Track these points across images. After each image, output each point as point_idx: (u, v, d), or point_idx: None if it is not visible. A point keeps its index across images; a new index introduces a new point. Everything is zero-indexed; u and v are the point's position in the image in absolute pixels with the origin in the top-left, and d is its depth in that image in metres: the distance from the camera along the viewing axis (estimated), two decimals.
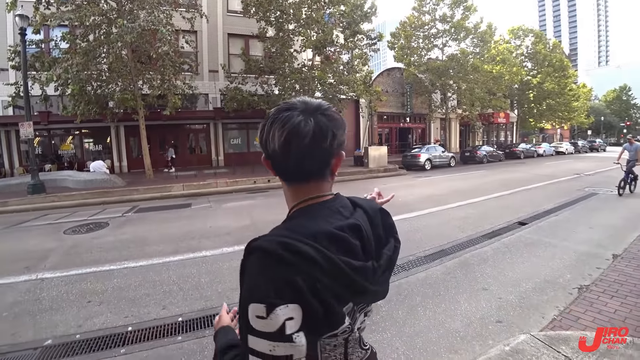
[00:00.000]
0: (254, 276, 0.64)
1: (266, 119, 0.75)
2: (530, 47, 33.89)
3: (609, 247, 4.96)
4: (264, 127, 0.75)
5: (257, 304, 0.61)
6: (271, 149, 0.73)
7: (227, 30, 19.18)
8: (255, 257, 0.65)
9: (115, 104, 13.13)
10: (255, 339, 0.61)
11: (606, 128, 63.77)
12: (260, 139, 0.76)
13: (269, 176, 13.53)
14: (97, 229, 6.82)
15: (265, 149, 0.76)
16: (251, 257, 0.66)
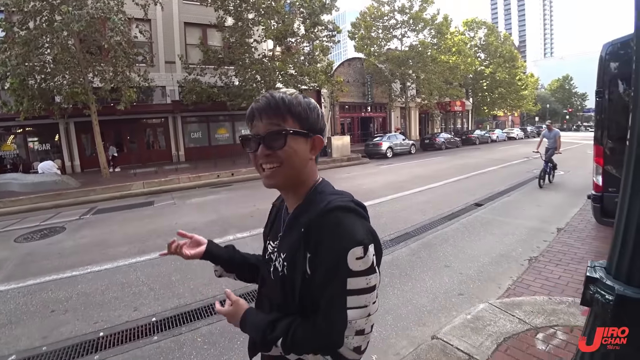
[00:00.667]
0: (347, 227, 0.76)
1: (314, 106, 0.88)
2: (483, 38, 35.67)
3: (553, 222, 5.50)
4: (314, 107, 0.87)
5: (356, 247, 0.74)
6: (325, 131, 0.90)
7: (184, 19, 18.30)
8: (339, 213, 0.78)
9: (64, 98, 12.16)
10: (353, 279, 0.74)
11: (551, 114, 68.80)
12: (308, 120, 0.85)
13: (232, 170, 13.35)
14: (53, 234, 6.41)
15: (318, 128, 0.87)
16: (336, 213, 0.78)
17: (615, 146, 3.96)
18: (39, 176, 11.60)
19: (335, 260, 0.74)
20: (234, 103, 16.19)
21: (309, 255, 0.78)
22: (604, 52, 3.95)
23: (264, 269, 1.01)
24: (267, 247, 1.01)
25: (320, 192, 0.87)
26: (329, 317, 0.76)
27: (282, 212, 0.98)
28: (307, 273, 0.79)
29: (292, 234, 0.85)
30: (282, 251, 0.88)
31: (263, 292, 1.01)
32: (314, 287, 0.78)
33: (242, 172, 13.19)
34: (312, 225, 0.78)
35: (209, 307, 3.30)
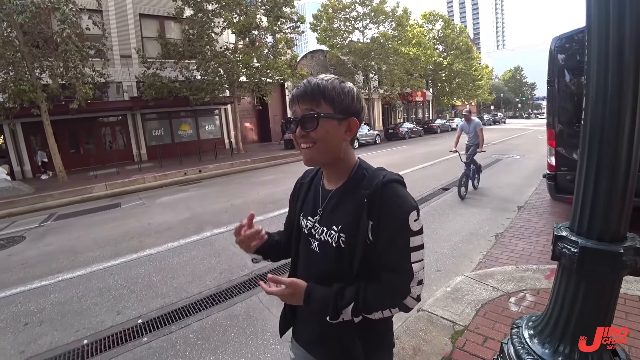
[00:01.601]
0: (403, 195, 0.89)
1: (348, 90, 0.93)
2: (440, 31, 36.94)
3: (514, 201, 6.00)
4: (349, 91, 0.93)
5: (413, 211, 0.87)
6: (362, 114, 0.96)
7: (138, 10, 17.28)
8: (395, 185, 0.90)
9: (9, 97, 11.16)
10: (414, 237, 0.87)
11: (505, 103, 73.08)
12: (342, 104, 0.91)
13: (199, 166, 13.02)
14: (12, 245, 5.96)
15: (353, 111, 0.93)
16: (392, 184, 0.90)
17: (565, 129, 4.36)
18: None
19: (400, 223, 0.86)
20: (196, 97, 15.71)
21: (371, 223, 0.88)
22: (553, 45, 4.32)
23: (299, 245, 1.08)
24: (302, 223, 1.07)
25: (366, 168, 0.98)
26: (398, 271, 0.88)
27: (318, 188, 1.05)
28: (369, 240, 0.89)
29: (347, 207, 0.94)
30: (334, 224, 0.95)
31: (301, 268, 1.07)
32: (379, 250, 0.88)
33: (210, 168, 12.91)
34: (374, 196, 0.88)
35: (196, 303, 3.30)
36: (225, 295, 3.42)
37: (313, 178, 1.11)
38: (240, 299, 3.30)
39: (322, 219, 0.99)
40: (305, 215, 1.06)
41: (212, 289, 3.57)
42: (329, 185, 1.02)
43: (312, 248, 1.02)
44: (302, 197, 1.11)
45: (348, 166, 0.98)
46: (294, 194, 1.17)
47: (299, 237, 1.08)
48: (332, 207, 0.98)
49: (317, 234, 1.00)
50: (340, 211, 0.95)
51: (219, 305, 3.23)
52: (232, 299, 3.33)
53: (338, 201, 0.97)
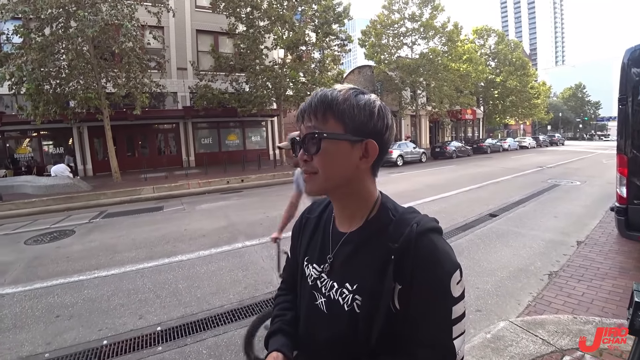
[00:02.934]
0: (443, 250, 0.68)
1: (366, 103, 0.72)
2: (493, 46, 35.38)
3: (573, 234, 5.27)
4: (367, 105, 0.72)
5: (456, 271, 0.68)
6: (387, 134, 0.74)
7: (196, 26, 18.61)
8: (432, 236, 0.70)
9: (78, 103, 12.37)
10: (456, 306, 0.67)
11: (564, 123, 67.82)
12: (354, 121, 0.71)
13: (241, 176, 13.35)
14: (62, 238, 6.42)
15: (371, 131, 0.72)
16: (428, 236, 0.69)
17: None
18: (51, 179, 11.76)
19: (439, 288, 0.66)
20: (244, 109, 16.29)
21: (399, 287, 0.68)
22: (626, 58, 3.79)
23: (302, 298, 0.87)
24: (305, 270, 0.86)
25: (391, 208, 0.77)
26: (436, 350, 0.67)
27: (328, 228, 0.84)
28: (395, 307, 0.68)
29: (365, 260, 0.73)
30: (347, 280, 0.75)
31: (304, 328, 0.86)
32: (411, 321, 0.68)
33: (252, 178, 13.18)
34: (404, 251, 0.68)
35: (215, 317, 3.21)
36: (246, 312, 3.30)
37: (322, 213, 0.89)
38: None
39: (332, 271, 0.79)
40: (310, 261, 0.85)
41: (234, 303, 3.48)
42: (341, 226, 0.81)
43: (318, 305, 0.80)
44: (307, 236, 0.89)
45: (367, 203, 0.77)
46: (298, 231, 0.95)
47: (302, 287, 0.87)
48: (345, 257, 0.77)
49: (324, 288, 0.80)
50: (356, 265, 0.74)
51: (237, 322, 3.11)
52: (252, 317, 3.18)
53: (353, 250, 0.76)
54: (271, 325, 0.91)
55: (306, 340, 0.84)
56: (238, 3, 15.40)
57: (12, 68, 10.49)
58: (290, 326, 0.88)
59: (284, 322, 0.89)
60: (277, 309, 0.95)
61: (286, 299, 0.96)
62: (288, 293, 0.98)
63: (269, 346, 0.85)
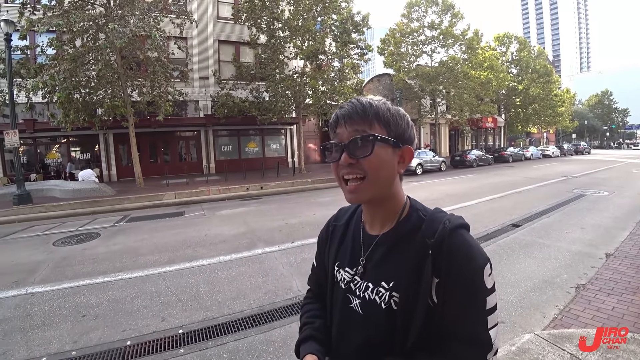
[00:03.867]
0: (475, 245, 0.73)
1: (403, 114, 0.79)
2: (515, 53, 34.76)
3: (601, 246, 5.07)
4: (404, 115, 0.79)
5: (488, 264, 0.72)
6: (415, 142, 0.81)
7: (218, 37, 19.17)
8: (463, 231, 0.75)
9: (105, 111, 12.91)
10: (490, 297, 0.71)
11: (589, 131, 65.49)
12: (398, 127, 0.77)
13: (261, 183, 13.51)
14: (88, 240, 6.66)
15: (408, 138, 0.79)
16: (460, 232, 0.74)
17: None
18: (78, 183, 12.24)
19: (473, 281, 0.70)
20: (264, 117, 16.56)
21: (436, 280, 0.71)
22: None
23: (333, 303, 0.89)
24: (337, 275, 0.88)
25: (420, 209, 0.81)
26: (475, 341, 0.70)
27: (358, 233, 0.87)
28: (433, 301, 0.71)
29: (400, 258, 0.76)
30: (383, 279, 0.78)
31: (336, 332, 0.87)
32: (448, 315, 0.71)
33: (271, 185, 13.32)
34: (439, 246, 0.71)
35: (236, 321, 3.24)
36: (266, 317, 3.32)
37: (350, 219, 0.92)
38: (279, 324, 3.18)
39: (365, 272, 0.81)
40: (341, 265, 0.88)
41: (255, 309, 3.51)
42: (372, 230, 0.84)
43: (352, 307, 0.83)
44: (336, 243, 0.92)
45: (397, 206, 0.81)
46: (325, 239, 0.97)
47: (333, 293, 0.89)
48: (379, 258, 0.80)
49: (358, 290, 0.82)
50: (392, 263, 0.78)
51: (257, 327, 3.14)
52: (272, 322, 3.22)
53: (388, 250, 0.79)
54: (300, 333, 0.93)
55: (340, 345, 0.85)
56: (259, 14, 15.77)
57: (46, 77, 11.05)
58: (320, 332, 0.90)
59: (313, 329, 0.91)
60: (305, 317, 0.97)
61: (313, 307, 0.98)
62: (314, 301, 1.00)
63: (300, 352, 0.87)
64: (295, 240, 5.93)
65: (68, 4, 11.48)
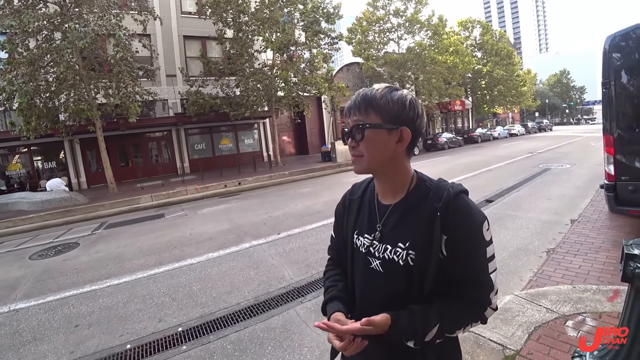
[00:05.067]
0: (474, 206, 0.88)
1: (399, 98, 0.88)
2: (478, 37, 35.87)
3: (566, 214, 5.52)
4: (399, 99, 0.88)
5: (485, 220, 0.86)
6: (418, 122, 0.91)
7: (183, 32, 18.50)
8: (464, 195, 0.89)
9: (69, 116, 12.28)
10: (489, 247, 0.87)
11: (551, 109, 68.95)
12: (390, 112, 0.87)
13: (238, 179, 13.40)
14: (67, 250, 6.44)
15: (404, 119, 0.88)
16: (461, 196, 0.88)
17: (625, 135, 3.98)
18: (47, 194, 11.67)
19: (476, 235, 0.85)
20: (236, 113, 16.31)
21: (445, 237, 0.84)
22: (607, 44, 4.00)
23: (355, 267, 1.00)
24: (357, 242, 1.00)
25: (426, 180, 0.94)
26: (481, 284, 0.85)
27: (373, 203, 0.99)
28: (443, 255, 0.85)
29: (413, 221, 0.89)
30: (400, 240, 0.89)
31: (359, 290, 0.99)
32: (458, 265, 0.85)
33: (249, 181, 13.25)
34: (446, 208, 0.85)
35: (234, 314, 3.32)
36: (262, 307, 3.42)
37: (364, 193, 1.04)
38: (277, 312, 3.28)
39: (383, 236, 0.94)
40: (360, 233, 0.99)
41: (250, 300, 3.59)
42: (385, 200, 0.97)
43: (373, 268, 0.94)
44: (354, 214, 1.03)
45: (405, 179, 0.94)
46: (342, 212, 1.09)
47: (354, 258, 1.01)
48: (394, 223, 0.92)
49: (377, 252, 0.94)
50: (406, 227, 0.90)
51: (256, 317, 3.23)
52: (270, 311, 3.32)
53: (402, 215, 0.92)
54: (326, 295, 1.04)
55: (364, 302, 0.97)
56: (225, 8, 15.39)
57: (3, 83, 10.37)
58: (344, 293, 1.02)
59: (338, 290, 1.02)
60: (328, 281, 1.08)
61: (335, 272, 1.10)
62: (335, 268, 1.11)
63: (327, 311, 0.98)
64: (281, 231, 6.03)
65: (18, 3, 10.73)
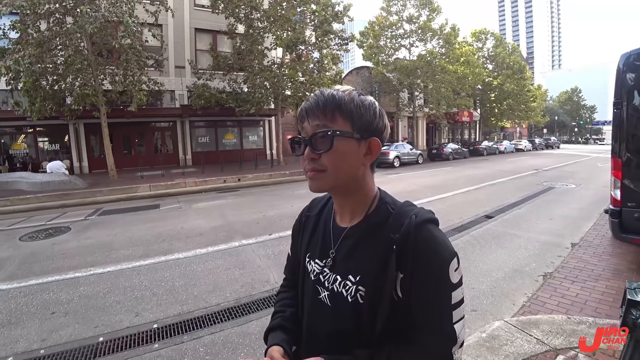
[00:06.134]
0: (441, 240, 0.72)
1: (369, 104, 0.76)
2: (491, 49, 35.63)
3: (567, 236, 5.34)
4: (371, 105, 0.76)
5: (454, 259, 0.71)
6: (385, 133, 0.78)
7: (194, 25, 18.54)
8: (430, 226, 0.73)
9: (75, 100, 12.30)
10: (455, 292, 0.71)
11: (559, 126, 68.37)
12: (361, 119, 0.74)
13: (238, 175, 13.33)
14: (58, 234, 6.38)
15: (374, 129, 0.76)
16: (426, 226, 0.73)
17: (635, 159, 3.82)
18: (47, 175, 11.67)
19: (439, 276, 0.70)
20: (242, 109, 16.27)
21: (401, 275, 0.70)
22: (621, 63, 3.85)
23: (304, 294, 0.88)
24: (307, 266, 0.88)
25: (389, 202, 0.80)
26: (438, 334, 0.70)
27: (328, 224, 0.86)
28: (397, 296, 0.71)
29: (367, 252, 0.76)
30: (350, 272, 0.77)
31: (306, 322, 0.87)
32: (413, 309, 0.71)
33: (249, 177, 13.17)
34: (404, 241, 0.70)
35: (212, 315, 3.21)
36: (242, 310, 3.30)
37: (321, 211, 0.91)
38: (256, 317, 3.16)
39: (334, 265, 0.81)
40: (312, 257, 0.87)
41: (231, 302, 3.48)
42: (341, 221, 0.83)
43: (321, 299, 0.82)
44: (308, 234, 0.91)
45: (366, 198, 0.79)
46: (298, 229, 0.97)
47: (304, 283, 0.89)
48: (347, 251, 0.79)
49: (327, 282, 0.81)
50: (359, 257, 0.77)
51: (234, 320, 3.12)
52: (249, 315, 3.21)
53: (355, 243, 0.78)
54: (271, 321, 0.92)
55: (310, 335, 0.85)
56: (237, 3, 15.37)
57: (9, 62, 10.39)
58: (289, 322, 0.90)
59: (283, 319, 0.90)
60: (278, 305, 0.97)
61: (287, 295, 0.98)
62: (289, 290, 0.99)
63: (268, 341, 0.86)
64: (273, 232, 5.91)
65: None
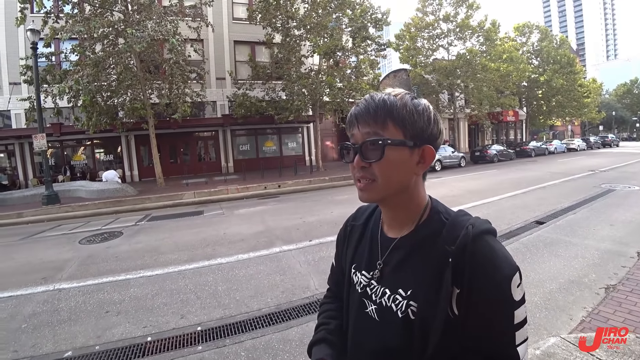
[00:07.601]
0: (502, 253, 0.66)
1: (423, 109, 0.72)
2: (536, 44, 33.50)
3: (632, 244, 4.81)
4: (424, 110, 0.72)
5: (516, 273, 0.65)
6: (440, 139, 0.75)
7: (233, 37, 19.37)
8: (488, 238, 0.68)
9: (126, 113, 13.31)
10: (518, 310, 0.64)
11: (618, 123, 62.52)
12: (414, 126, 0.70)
13: (278, 181, 13.58)
14: (112, 238, 6.87)
15: (428, 136, 0.72)
16: (484, 238, 0.67)
17: None
18: (102, 184, 12.66)
19: (500, 292, 0.63)
20: (281, 116, 16.62)
21: (457, 291, 0.65)
22: None
23: (349, 306, 0.85)
24: (353, 278, 0.84)
25: (442, 212, 0.75)
26: (500, 358, 0.64)
27: (376, 234, 0.83)
28: (454, 313, 0.66)
29: (419, 264, 0.72)
30: (401, 286, 0.73)
31: (351, 337, 0.83)
32: (471, 328, 0.65)
33: (289, 184, 13.38)
34: (461, 254, 0.65)
35: (253, 320, 3.26)
36: (283, 316, 3.32)
37: (368, 220, 0.88)
38: (297, 323, 3.17)
39: (382, 277, 0.77)
40: (358, 268, 0.83)
41: (272, 307, 3.52)
42: (390, 232, 0.79)
43: (368, 313, 0.78)
44: (353, 244, 0.87)
45: (418, 208, 0.75)
46: (343, 239, 0.93)
47: (350, 295, 0.85)
48: (397, 263, 0.75)
49: (374, 295, 0.77)
50: (410, 270, 0.72)
51: (275, 325, 3.14)
52: (289, 321, 3.22)
53: (406, 255, 0.74)
54: (315, 334, 0.90)
55: (355, 351, 0.82)
56: (274, 13, 15.80)
57: (71, 82, 11.46)
58: (334, 335, 0.87)
59: (327, 331, 0.88)
60: (321, 317, 0.95)
61: (331, 307, 0.95)
62: (333, 301, 0.97)
63: (312, 355, 0.85)
64: (313, 238, 5.92)
65: (89, 12, 11.86)
